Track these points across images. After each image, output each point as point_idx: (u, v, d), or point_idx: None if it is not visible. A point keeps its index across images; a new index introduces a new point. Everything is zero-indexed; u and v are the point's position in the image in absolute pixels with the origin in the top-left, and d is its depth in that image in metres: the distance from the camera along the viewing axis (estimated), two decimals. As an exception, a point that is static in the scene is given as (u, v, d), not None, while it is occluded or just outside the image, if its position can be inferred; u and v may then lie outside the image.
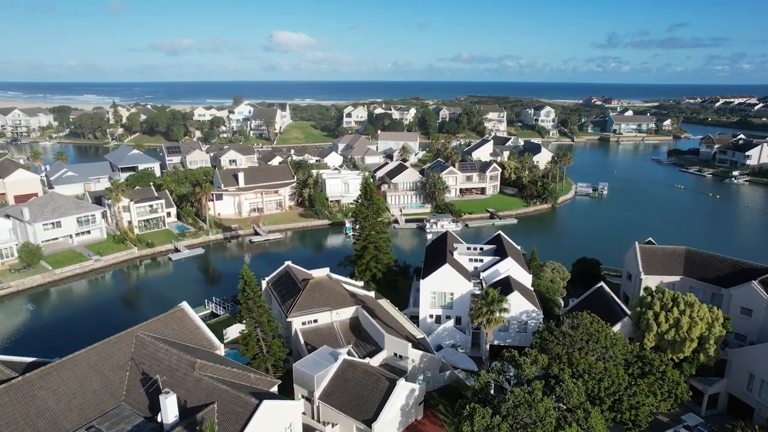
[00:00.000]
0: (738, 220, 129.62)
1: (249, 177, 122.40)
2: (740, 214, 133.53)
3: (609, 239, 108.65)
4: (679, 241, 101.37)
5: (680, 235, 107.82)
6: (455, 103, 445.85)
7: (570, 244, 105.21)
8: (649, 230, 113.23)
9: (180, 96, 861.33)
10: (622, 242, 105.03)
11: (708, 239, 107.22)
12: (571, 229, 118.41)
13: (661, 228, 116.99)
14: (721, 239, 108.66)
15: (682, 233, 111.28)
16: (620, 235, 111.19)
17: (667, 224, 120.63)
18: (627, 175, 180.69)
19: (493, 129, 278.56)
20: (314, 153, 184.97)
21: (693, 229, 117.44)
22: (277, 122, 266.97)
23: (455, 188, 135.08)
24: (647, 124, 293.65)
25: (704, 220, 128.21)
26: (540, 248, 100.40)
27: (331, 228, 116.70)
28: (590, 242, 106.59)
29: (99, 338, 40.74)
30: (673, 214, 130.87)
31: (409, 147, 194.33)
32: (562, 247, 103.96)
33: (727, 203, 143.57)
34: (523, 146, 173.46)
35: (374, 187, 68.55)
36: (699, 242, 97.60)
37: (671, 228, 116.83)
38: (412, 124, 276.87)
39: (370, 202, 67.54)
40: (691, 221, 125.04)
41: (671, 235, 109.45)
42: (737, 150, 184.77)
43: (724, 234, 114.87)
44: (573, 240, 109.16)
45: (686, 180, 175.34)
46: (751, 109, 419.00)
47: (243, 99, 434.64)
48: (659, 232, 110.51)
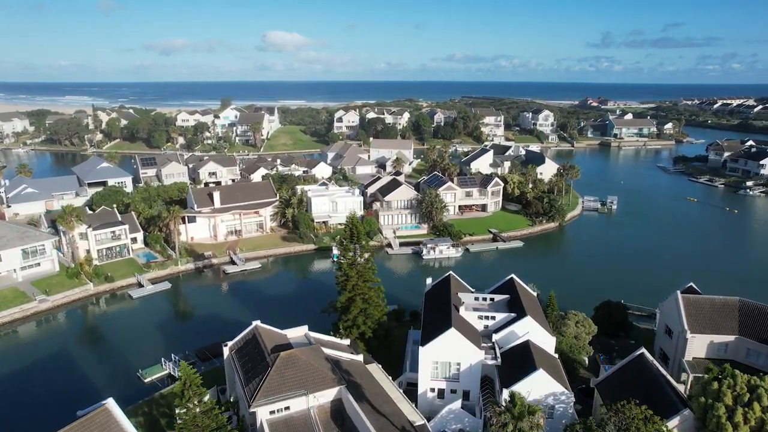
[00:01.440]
0: (764, 239, 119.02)
1: (226, 196, 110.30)
2: (764, 232, 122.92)
3: (627, 266, 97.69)
4: (706, 272, 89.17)
5: (706, 263, 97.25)
6: (450, 106, 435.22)
7: (584, 272, 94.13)
8: (668, 254, 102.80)
9: (170, 97, 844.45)
10: (643, 269, 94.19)
11: (739, 268, 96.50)
12: (582, 253, 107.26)
13: (681, 251, 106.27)
14: (753, 267, 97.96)
15: (708, 259, 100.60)
16: (638, 260, 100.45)
17: (688, 246, 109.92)
18: (634, 185, 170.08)
19: (491, 134, 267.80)
20: (301, 163, 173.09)
21: (717, 252, 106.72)
22: (264, 127, 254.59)
23: (454, 205, 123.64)
24: (648, 128, 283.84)
25: (727, 240, 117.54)
26: (551, 277, 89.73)
27: (317, 254, 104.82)
28: (606, 269, 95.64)
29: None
30: (691, 232, 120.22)
31: (402, 156, 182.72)
32: (575, 274, 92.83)
33: (746, 219, 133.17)
34: (524, 156, 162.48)
35: (361, 228, 56.72)
36: (731, 273, 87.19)
37: (693, 251, 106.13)
38: (405, 129, 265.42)
39: (357, 245, 55.72)
40: (713, 242, 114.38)
41: (694, 261, 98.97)
42: (750, 158, 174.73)
43: (755, 259, 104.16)
44: (586, 266, 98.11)
45: (697, 191, 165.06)
46: (750, 111, 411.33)
47: (230, 102, 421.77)
48: (680, 258, 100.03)
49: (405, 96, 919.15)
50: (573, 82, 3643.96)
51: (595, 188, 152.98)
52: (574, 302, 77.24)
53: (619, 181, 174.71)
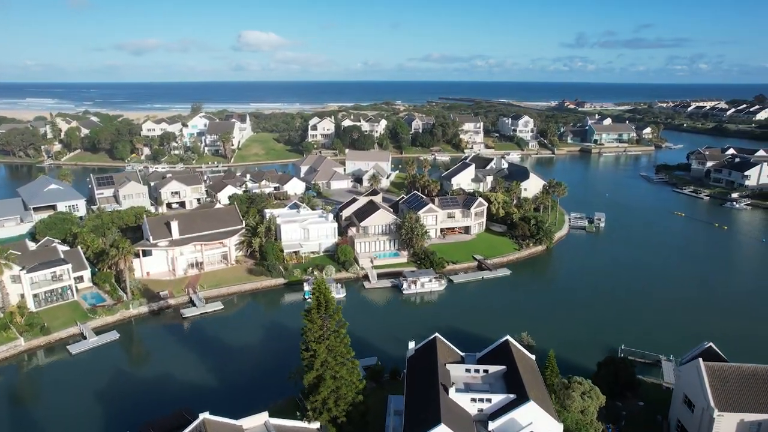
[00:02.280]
0: (761, 261, 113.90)
1: (185, 225, 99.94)
2: (760, 252, 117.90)
3: (621, 297, 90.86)
4: (708, 307, 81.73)
5: (706, 294, 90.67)
6: (427, 110, 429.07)
7: (576, 307, 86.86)
8: (664, 281, 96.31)
9: (142, 99, 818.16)
10: (638, 300, 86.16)
11: (746, 299, 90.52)
12: (573, 282, 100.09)
13: (677, 276, 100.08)
14: (757, 296, 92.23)
15: (708, 290, 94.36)
16: (633, 289, 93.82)
17: (683, 271, 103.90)
18: (619, 198, 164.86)
19: (470, 141, 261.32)
20: (273, 178, 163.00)
21: (716, 280, 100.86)
22: (235, 137, 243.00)
23: (435, 228, 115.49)
24: (628, 134, 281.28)
25: (722, 263, 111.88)
26: (542, 314, 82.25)
27: (287, 289, 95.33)
28: (600, 302, 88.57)
29: None
30: (684, 254, 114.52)
31: (380, 170, 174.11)
32: (566, 309, 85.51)
33: (737, 236, 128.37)
34: (507, 169, 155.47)
35: (330, 294, 47.54)
36: (736, 306, 78.82)
37: (690, 278, 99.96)
38: (383, 137, 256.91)
39: (326, 316, 46.65)
40: (709, 266, 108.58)
41: (692, 290, 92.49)
42: (734, 169, 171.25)
43: (759, 287, 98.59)
44: (578, 299, 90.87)
45: (682, 203, 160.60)
46: (723, 114, 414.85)
47: (201, 107, 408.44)
48: (677, 286, 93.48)
49: (382, 98, 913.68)
50: (548, 81, 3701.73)
51: (580, 202, 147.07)
52: (571, 348, 70.02)
53: (604, 193, 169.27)
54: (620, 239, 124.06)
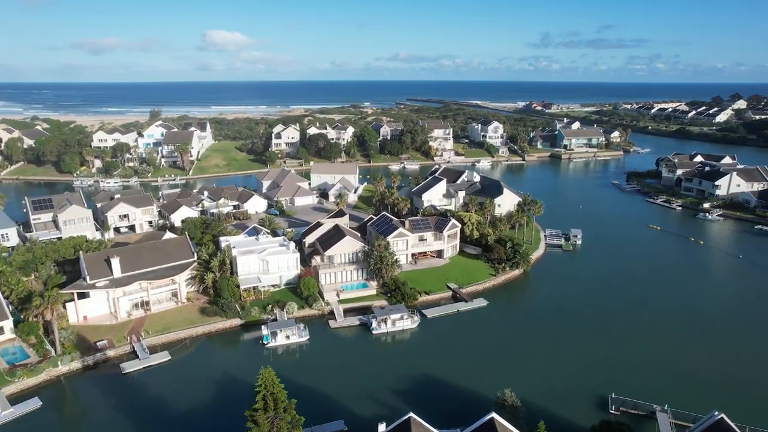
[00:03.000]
0: (742, 280, 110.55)
1: (129, 261, 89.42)
2: (738, 270, 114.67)
3: (606, 329, 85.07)
4: (700, 336, 72.30)
5: (693, 323, 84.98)
6: (396, 114, 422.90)
7: (559, 343, 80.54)
8: (647, 306, 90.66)
9: (100, 101, 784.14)
10: (624, 330, 77.17)
11: (733, 326, 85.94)
12: (554, 312, 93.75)
13: (660, 300, 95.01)
14: (744, 320, 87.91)
15: (693, 315, 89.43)
16: (617, 317, 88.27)
17: (665, 295, 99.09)
18: (593, 209, 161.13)
19: (440, 148, 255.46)
20: (232, 195, 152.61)
21: (699, 301, 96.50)
22: (194, 147, 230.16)
23: (406, 254, 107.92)
24: (597, 138, 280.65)
25: (703, 283, 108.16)
26: (523, 356, 75.07)
27: (244, 330, 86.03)
28: (584, 336, 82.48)
29: None
30: (663, 273, 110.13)
31: (347, 184, 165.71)
32: (549, 346, 79.09)
33: (714, 252, 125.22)
34: (480, 183, 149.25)
35: (279, 388, 39.04)
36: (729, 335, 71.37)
37: (672, 301, 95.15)
38: (350, 145, 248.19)
39: (276, 416, 38.09)
40: (690, 286, 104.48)
41: (676, 316, 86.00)
42: (704, 178, 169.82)
43: (743, 310, 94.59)
44: (560, 332, 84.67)
45: (656, 214, 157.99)
46: (685, 116, 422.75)
47: (160, 113, 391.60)
48: (662, 311, 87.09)
49: (350, 99, 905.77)
50: (514, 81, 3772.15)
51: (554, 216, 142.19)
52: (559, 403, 63.50)
53: (578, 204, 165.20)
54: (598, 258, 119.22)
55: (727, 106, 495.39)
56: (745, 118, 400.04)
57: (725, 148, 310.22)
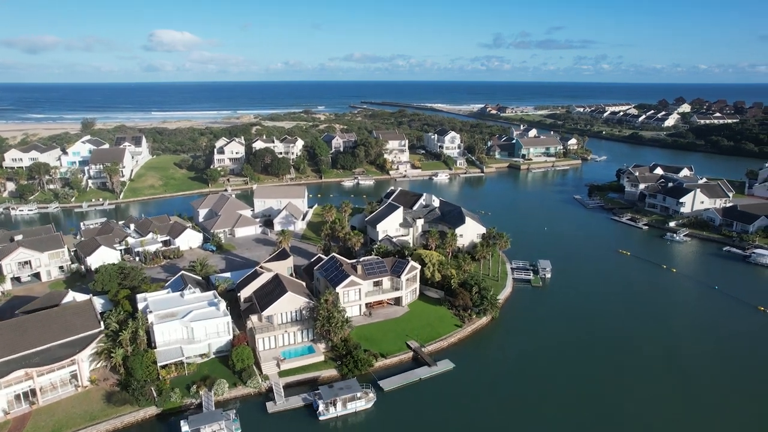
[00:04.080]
0: (723, 317, 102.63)
1: (9, 341, 71.28)
2: (717, 305, 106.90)
3: (591, 390, 73.74)
4: (692, 393, 69.68)
5: (682, 378, 74.08)
6: (349, 121, 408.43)
7: (540, 417, 68.58)
8: (629, 354, 78.75)
9: (32, 105, 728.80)
10: (611, 396, 74.45)
11: (722, 375, 76.43)
12: (529, 373, 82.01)
13: (641, 346, 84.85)
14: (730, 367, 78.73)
15: (680, 365, 79.40)
16: (600, 372, 76.98)
17: (646, 340, 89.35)
18: (559, 230, 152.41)
19: (395, 160, 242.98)
20: (163, 229, 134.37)
21: (682, 345, 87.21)
22: (126, 165, 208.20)
23: (360, 304, 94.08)
24: (555, 147, 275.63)
25: (684, 322, 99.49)
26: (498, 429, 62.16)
27: (160, 422, 69.81)
28: (567, 403, 70.83)
29: None
30: (640, 311, 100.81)
31: (294, 210, 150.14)
32: (531, 422, 67.27)
33: (688, 282, 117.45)
34: (439, 209, 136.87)
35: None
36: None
37: (654, 347, 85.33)
38: (299, 159, 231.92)
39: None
40: (670, 326, 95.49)
41: (662, 368, 74.50)
42: (668, 195, 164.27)
43: (727, 355, 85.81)
44: (540, 403, 72.90)
45: (623, 235, 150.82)
46: (635, 120, 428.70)
47: (94, 123, 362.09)
48: (646, 362, 74.59)
49: (303, 101, 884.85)
50: (467, 80, 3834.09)
51: (519, 238, 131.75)
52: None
53: (542, 226, 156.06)
54: (570, 294, 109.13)
55: (673, 109, 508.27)
56: (692, 122, 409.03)
57: (676, 154, 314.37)
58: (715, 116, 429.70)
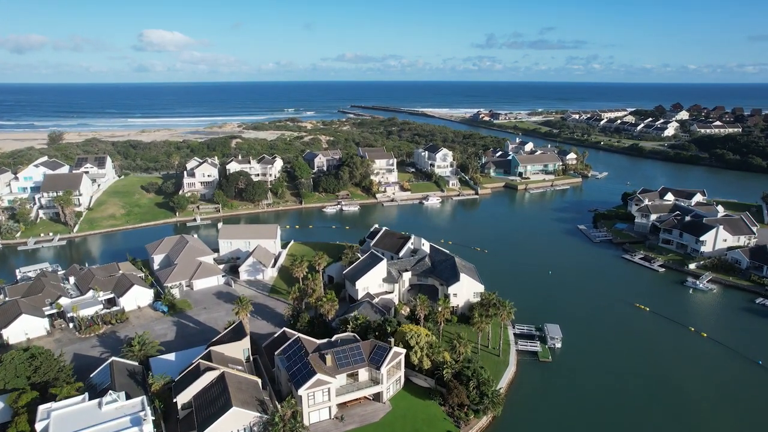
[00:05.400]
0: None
1: None
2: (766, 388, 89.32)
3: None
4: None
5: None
6: (336, 133, 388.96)
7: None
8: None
9: (6, 111, 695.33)
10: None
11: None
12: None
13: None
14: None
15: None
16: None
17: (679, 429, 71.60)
18: (565, 273, 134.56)
19: (383, 182, 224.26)
20: (106, 284, 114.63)
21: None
22: (85, 192, 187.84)
23: (329, 406, 75.30)
24: (553, 164, 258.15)
25: (727, 414, 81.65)
26: None
27: None
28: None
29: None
30: (670, 391, 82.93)
31: (263, 255, 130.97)
32: None
33: (724, 353, 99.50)
34: (430, 258, 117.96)
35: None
36: None
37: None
38: (278, 183, 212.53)
39: None
40: (711, 419, 77.61)
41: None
42: (686, 231, 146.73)
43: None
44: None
45: (637, 280, 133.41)
46: (633, 129, 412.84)
47: (62, 137, 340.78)
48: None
49: (291, 104, 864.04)
50: (458, 80, 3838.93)
51: (522, 288, 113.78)
52: None
53: (545, 268, 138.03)
54: (585, 370, 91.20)
55: (671, 116, 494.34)
56: (692, 132, 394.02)
57: (680, 168, 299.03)
58: (715, 125, 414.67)
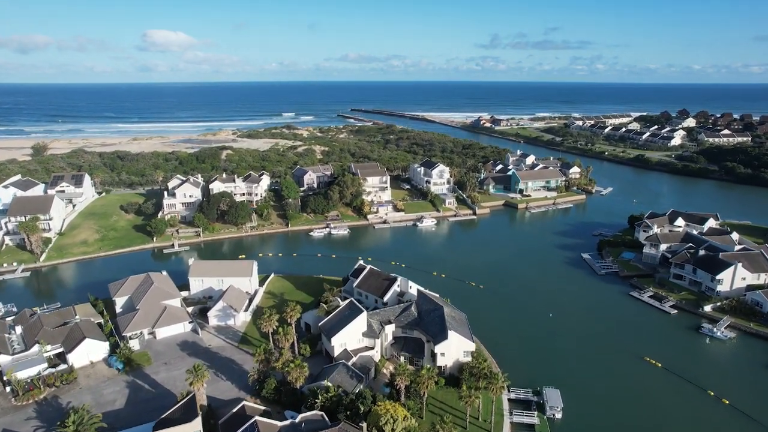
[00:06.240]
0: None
1: None
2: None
3: None
4: None
5: None
6: (331, 142, 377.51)
7: None
8: None
9: (5, 113, 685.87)
10: None
11: None
12: None
13: None
14: None
15: None
16: None
17: None
18: (566, 315, 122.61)
19: (375, 200, 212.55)
20: (56, 335, 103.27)
21: None
22: (56, 216, 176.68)
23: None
24: (556, 180, 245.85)
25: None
26: None
27: None
28: None
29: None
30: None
31: (236, 297, 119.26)
32: None
33: (750, 427, 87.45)
34: (416, 306, 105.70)
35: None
36: None
37: None
38: (264, 204, 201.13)
39: None
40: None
41: None
42: (700, 267, 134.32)
43: None
44: None
45: (646, 324, 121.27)
46: (639, 138, 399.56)
47: (46, 149, 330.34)
48: None
49: (291, 107, 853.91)
50: (461, 80, 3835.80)
51: (519, 333, 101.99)
52: None
53: (545, 308, 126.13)
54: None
55: (677, 123, 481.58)
56: (700, 141, 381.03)
57: (687, 181, 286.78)
58: (723, 133, 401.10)
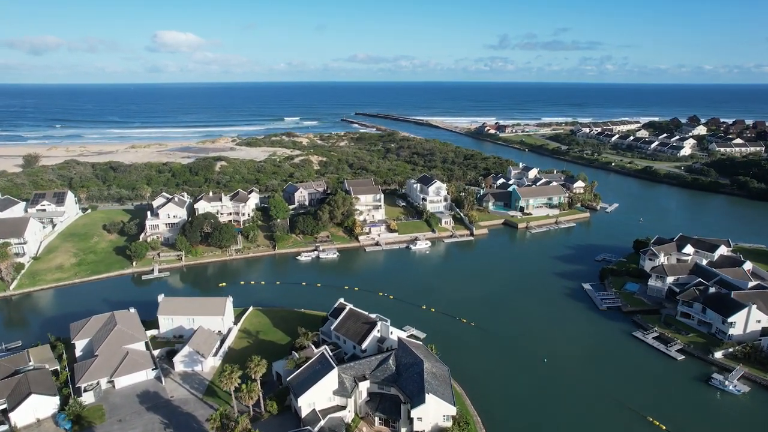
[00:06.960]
0: None
1: None
2: None
3: None
4: None
5: None
6: (329, 152, 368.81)
7: None
8: None
9: (9, 117, 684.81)
10: None
11: None
12: None
13: None
14: None
15: None
16: None
17: None
18: (563, 359, 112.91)
19: (368, 219, 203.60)
20: (2, 388, 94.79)
21: None
22: (31, 240, 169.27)
23: None
24: (558, 197, 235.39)
25: None
26: None
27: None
28: None
29: None
30: None
31: (206, 339, 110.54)
32: None
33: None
34: (395, 361, 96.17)
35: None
36: None
37: None
38: (251, 225, 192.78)
39: None
40: None
41: None
42: (709, 306, 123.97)
43: None
44: None
45: (650, 371, 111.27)
46: (647, 147, 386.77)
47: (37, 160, 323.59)
48: None
49: (296, 110, 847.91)
50: (469, 81, 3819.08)
51: (510, 381, 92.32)
52: None
53: (541, 356, 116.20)
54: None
55: (687, 131, 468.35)
56: (710, 151, 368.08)
57: (697, 196, 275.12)
58: (736, 142, 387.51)
